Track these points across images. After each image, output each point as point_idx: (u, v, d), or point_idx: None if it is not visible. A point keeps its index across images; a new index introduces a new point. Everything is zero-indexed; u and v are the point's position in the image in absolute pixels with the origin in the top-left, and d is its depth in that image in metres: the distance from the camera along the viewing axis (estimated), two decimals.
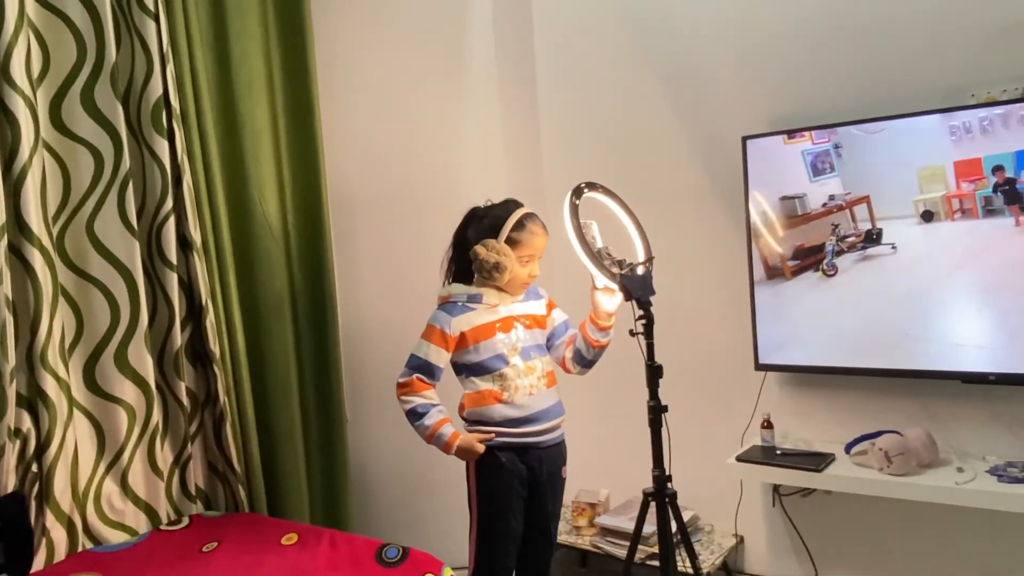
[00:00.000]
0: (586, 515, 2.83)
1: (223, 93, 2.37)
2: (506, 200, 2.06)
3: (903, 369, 2.32)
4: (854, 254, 2.39)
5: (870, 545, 2.54)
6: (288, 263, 2.49)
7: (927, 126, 2.21)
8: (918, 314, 2.29)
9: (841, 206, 2.39)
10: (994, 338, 2.19)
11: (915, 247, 2.29)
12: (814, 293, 2.46)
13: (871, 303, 2.37)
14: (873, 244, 2.36)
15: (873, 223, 2.35)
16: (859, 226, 2.37)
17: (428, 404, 2.00)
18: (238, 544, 2.00)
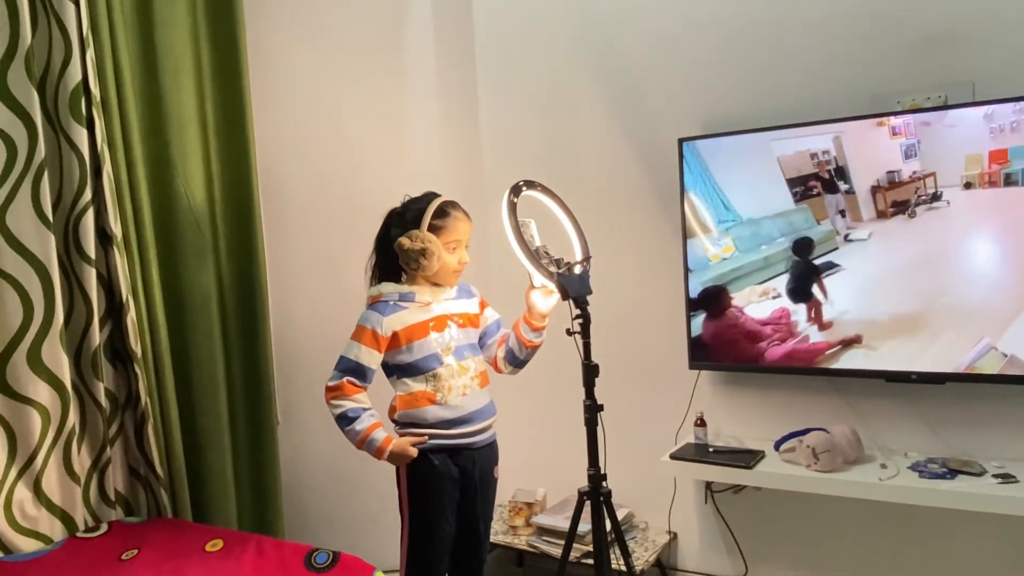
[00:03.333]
0: (523, 515, 2.82)
1: (148, 81, 2.27)
2: (424, 193, 2.04)
3: (830, 368, 2.39)
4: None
5: (798, 540, 2.60)
6: (216, 258, 2.40)
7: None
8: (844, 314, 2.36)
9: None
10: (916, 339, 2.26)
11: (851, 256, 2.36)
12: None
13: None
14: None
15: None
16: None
17: (359, 408, 1.94)
18: (159, 551, 1.92)
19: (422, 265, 1.93)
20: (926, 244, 2.24)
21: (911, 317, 2.27)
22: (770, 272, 2.49)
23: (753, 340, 2.49)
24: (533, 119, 2.97)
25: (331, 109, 2.68)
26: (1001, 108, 2.09)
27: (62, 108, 2.00)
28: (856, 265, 2.34)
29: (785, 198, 2.43)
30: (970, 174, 2.14)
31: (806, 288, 2.41)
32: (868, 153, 2.29)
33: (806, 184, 2.40)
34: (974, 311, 2.18)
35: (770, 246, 2.48)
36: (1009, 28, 2.15)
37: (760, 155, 2.45)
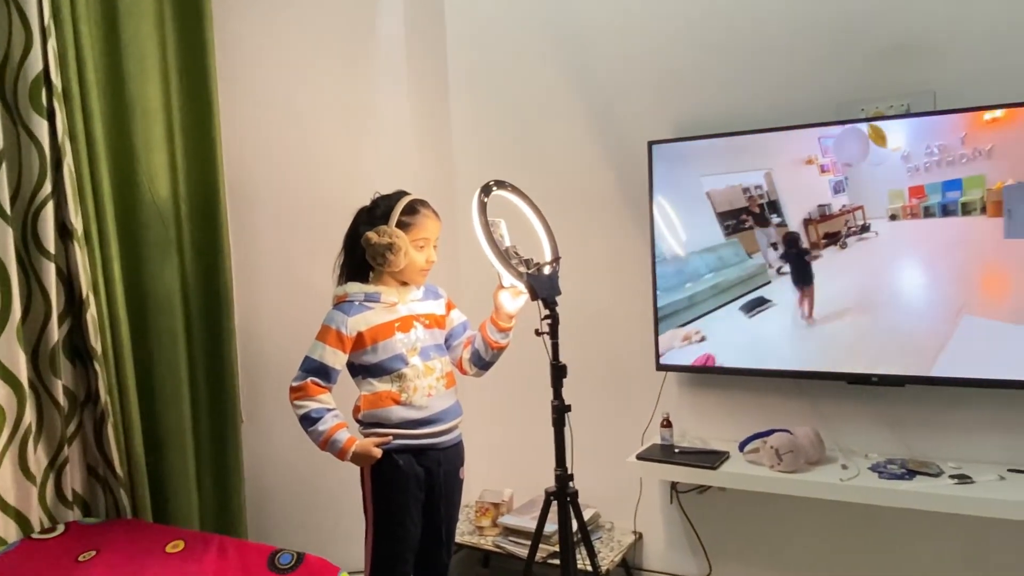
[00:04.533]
0: (489, 515, 2.82)
1: (111, 72, 2.22)
2: (395, 191, 2.03)
3: (794, 370, 2.42)
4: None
5: (761, 539, 2.64)
6: (180, 254, 2.36)
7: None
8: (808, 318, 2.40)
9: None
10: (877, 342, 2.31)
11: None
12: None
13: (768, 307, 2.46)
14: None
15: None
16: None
17: (323, 408, 1.93)
18: (118, 553, 1.88)
19: (389, 260, 1.92)
20: (860, 273, 2.31)
21: (847, 347, 2.34)
22: (694, 312, 2.53)
23: None
24: (504, 119, 2.97)
25: (300, 105, 2.65)
26: (916, 149, 2.19)
27: (22, 98, 1.95)
28: (788, 298, 2.40)
29: (715, 232, 2.48)
30: (894, 207, 2.24)
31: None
32: (799, 188, 2.37)
33: (737, 218, 2.45)
34: (906, 339, 2.26)
35: (696, 283, 2.52)
36: (969, 40, 2.21)
37: (691, 190, 2.50)
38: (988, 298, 2.16)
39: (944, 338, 2.21)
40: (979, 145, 2.12)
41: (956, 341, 2.20)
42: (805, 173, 2.35)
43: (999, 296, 2.15)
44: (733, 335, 2.49)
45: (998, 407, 2.24)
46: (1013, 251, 2.11)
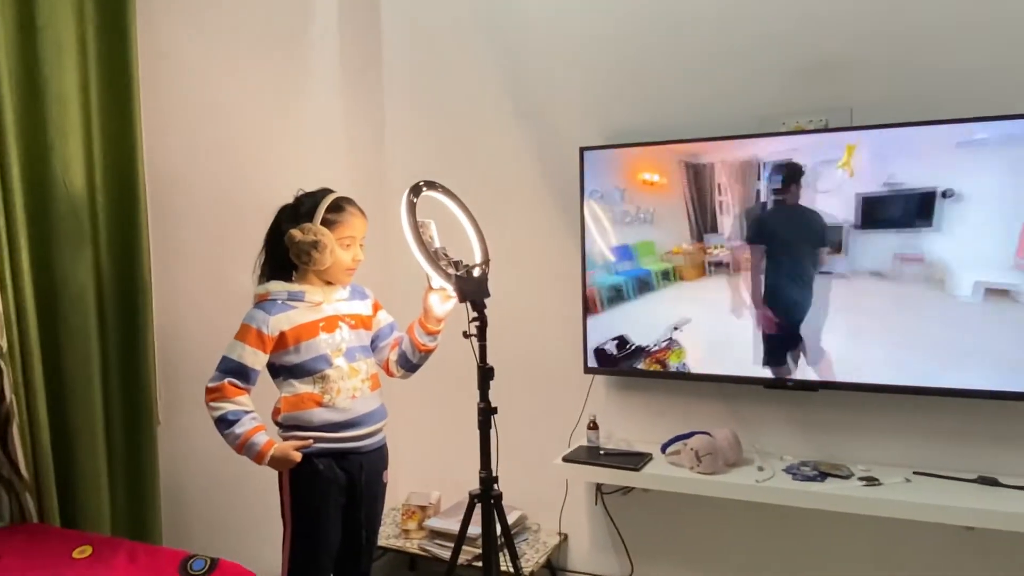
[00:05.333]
0: (416, 518, 2.80)
1: (23, 56, 2.11)
2: (318, 189, 1.99)
3: (714, 374, 2.49)
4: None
5: (682, 540, 2.70)
6: (95, 248, 2.26)
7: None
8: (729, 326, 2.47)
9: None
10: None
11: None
12: (643, 301, 2.58)
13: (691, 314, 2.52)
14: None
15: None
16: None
17: (240, 411, 1.87)
18: (22, 559, 1.79)
19: (314, 259, 1.88)
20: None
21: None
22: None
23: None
24: (438, 121, 2.96)
25: (228, 97, 2.58)
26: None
27: None
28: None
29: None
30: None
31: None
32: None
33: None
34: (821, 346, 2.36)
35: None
36: (884, 59, 2.31)
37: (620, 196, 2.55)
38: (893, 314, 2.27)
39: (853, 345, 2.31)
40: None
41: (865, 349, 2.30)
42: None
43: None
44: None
45: (905, 412, 2.35)
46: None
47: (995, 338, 2.13)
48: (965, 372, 2.17)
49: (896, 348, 2.25)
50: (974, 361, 2.16)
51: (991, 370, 2.15)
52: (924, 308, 2.20)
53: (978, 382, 2.16)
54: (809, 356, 2.36)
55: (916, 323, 2.22)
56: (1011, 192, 2.08)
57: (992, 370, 2.15)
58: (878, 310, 2.26)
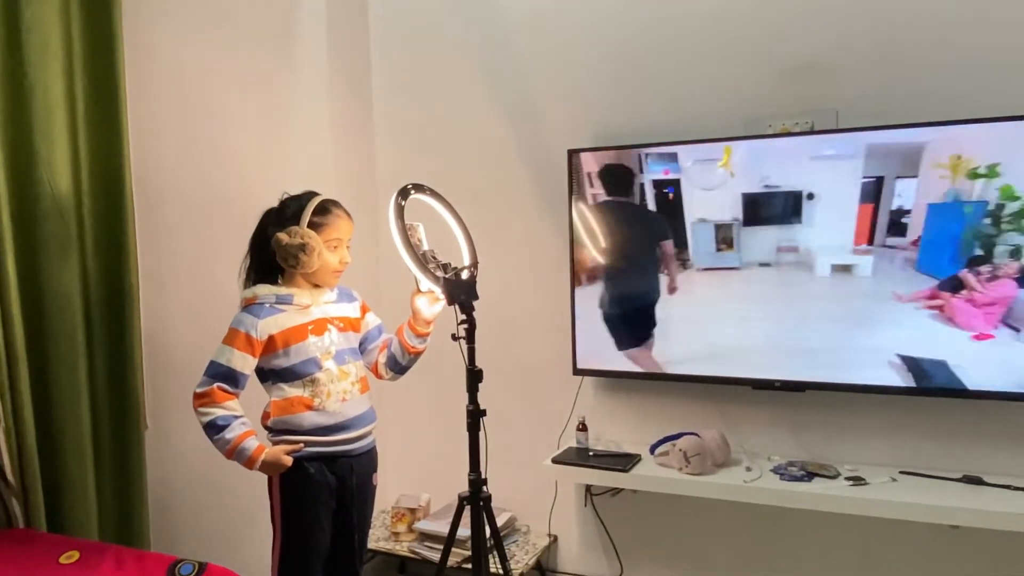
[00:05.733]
0: (405, 520, 2.80)
1: (10, 59, 2.10)
2: (303, 191, 1.98)
3: (702, 375, 2.50)
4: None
5: (671, 540, 2.71)
6: (81, 252, 2.25)
7: None
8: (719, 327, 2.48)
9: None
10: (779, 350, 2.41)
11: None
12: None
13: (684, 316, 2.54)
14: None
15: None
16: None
17: (229, 416, 1.85)
18: (8, 564, 1.78)
19: (302, 262, 1.87)
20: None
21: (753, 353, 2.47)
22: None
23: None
24: (427, 123, 2.96)
25: (215, 100, 2.58)
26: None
27: None
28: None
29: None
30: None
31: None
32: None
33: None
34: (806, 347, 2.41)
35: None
36: (870, 62, 2.33)
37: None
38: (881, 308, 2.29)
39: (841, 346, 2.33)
40: None
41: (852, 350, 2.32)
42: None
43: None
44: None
45: (890, 412, 2.37)
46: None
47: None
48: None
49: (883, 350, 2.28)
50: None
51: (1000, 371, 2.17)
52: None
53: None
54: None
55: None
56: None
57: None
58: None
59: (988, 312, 2.17)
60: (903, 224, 2.24)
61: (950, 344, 2.21)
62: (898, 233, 2.25)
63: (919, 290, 2.24)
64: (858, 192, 2.29)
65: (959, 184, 2.16)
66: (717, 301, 2.50)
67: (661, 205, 2.52)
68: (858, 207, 2.29)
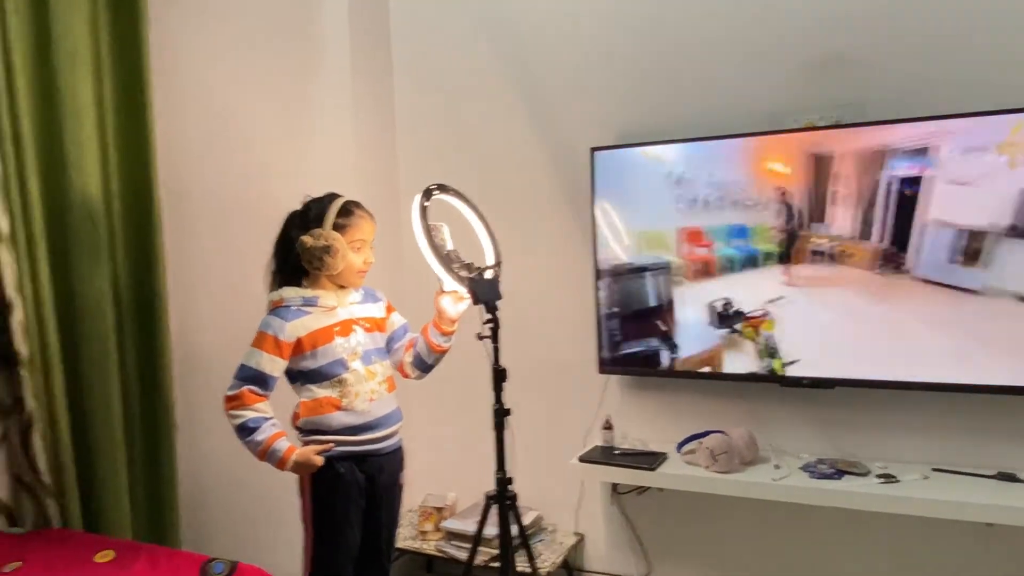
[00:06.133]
0: (432, 519, 2.81)
1: (40, 67, 2.15)
2: (326, 194, 2.00)
3: (729, 373, 2.48)
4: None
5: (699, 539, 2.69)
6: (112, 256, 2.29)
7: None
8: None
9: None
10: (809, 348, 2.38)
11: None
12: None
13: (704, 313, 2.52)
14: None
15: None
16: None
17: (260, 418, 1.88)
18: (45, 563, 1.82)
19: (327, 263, 1.89)
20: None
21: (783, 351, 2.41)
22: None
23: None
24: (449, 123, 2.97)
25: (240, 105, 2.61)
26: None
27: None
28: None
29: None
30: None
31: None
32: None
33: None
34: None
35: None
36: (897, 54, 2.30)
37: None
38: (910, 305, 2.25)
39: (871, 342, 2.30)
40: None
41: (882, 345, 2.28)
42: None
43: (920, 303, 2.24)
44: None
45: (921, 409, 2.33)
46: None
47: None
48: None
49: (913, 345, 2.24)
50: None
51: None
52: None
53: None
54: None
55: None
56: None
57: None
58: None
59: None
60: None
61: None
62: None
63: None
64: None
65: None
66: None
67: (899, 202, 2.24)
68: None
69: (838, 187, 2.32)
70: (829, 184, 2.33)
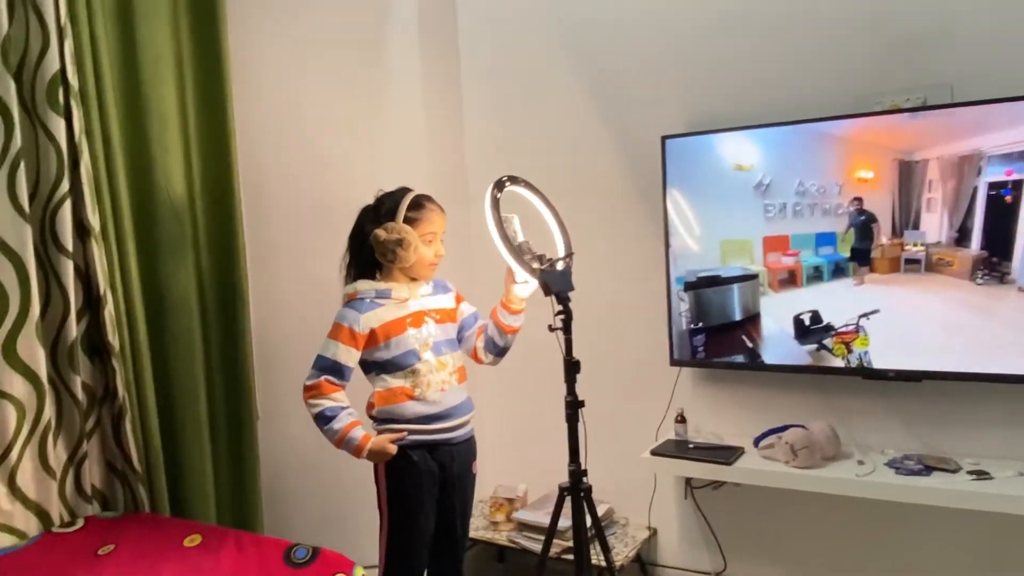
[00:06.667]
0: (504, 510, 2.83)
1: (127, 71, 2.24)
2: (397, 188, 2.04)
3: (809, 365, 2.41)
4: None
5: (777, 535, 2.63)
6: (195, 252, 2.38)
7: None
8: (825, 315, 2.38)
9: None
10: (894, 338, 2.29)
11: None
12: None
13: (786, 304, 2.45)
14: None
15: None
16: None
17: (337, 407, 1.94)
18: (137, 547, 1.90)
19: (399, 256, 1.93)
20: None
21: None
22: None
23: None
24: (517, 114, 2.96)
25: (312, 102, 2.66)
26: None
27: (39, 98, 1.97)
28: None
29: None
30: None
31: None
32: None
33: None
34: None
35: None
36: (986, 32, 2.18)
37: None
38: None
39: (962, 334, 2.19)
40: None
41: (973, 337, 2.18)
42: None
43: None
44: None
45: (1016, 403, 2.21)
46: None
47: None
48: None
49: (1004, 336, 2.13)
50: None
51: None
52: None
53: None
54: None
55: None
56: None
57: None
58: None
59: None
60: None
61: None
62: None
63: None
64: None
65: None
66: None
67: (994, 210, 2.15)
68: None
69: (932, 193, 2.22)
70: (922, 190, 2.24)
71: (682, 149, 2.54)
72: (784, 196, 2.41)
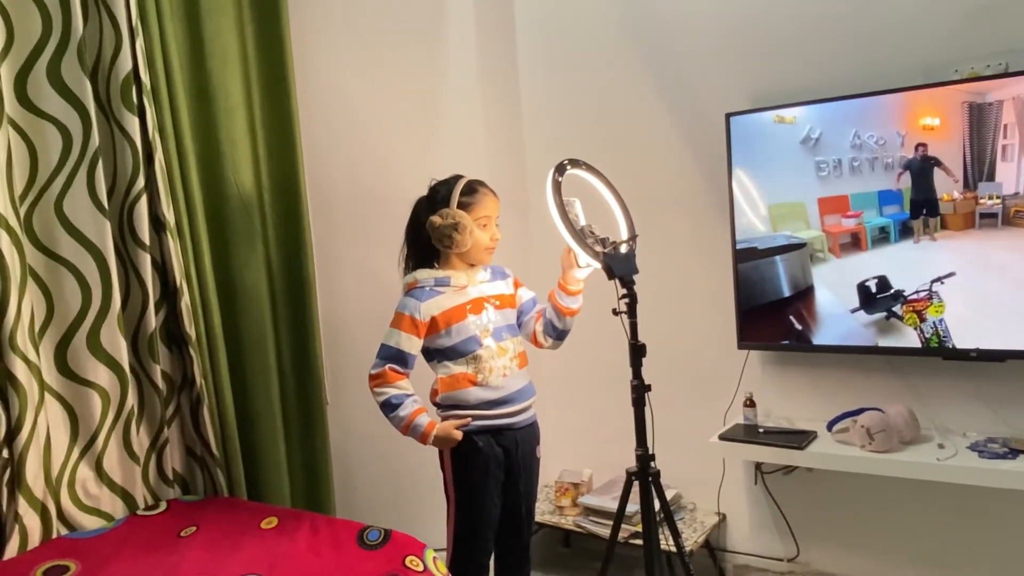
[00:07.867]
0: (569, 495, 2.83)
1: (195, 68, 2.30)
2: (450, 176, 2.05)
3: (884, 346, 2.33)
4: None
5: (851, 521, 2.56)
6: (265, 243, 2.44)
7: None
8: None
9: None
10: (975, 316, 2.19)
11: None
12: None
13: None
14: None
15: None
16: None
17: (402, 394, 1.97)
18: (217, 528, 1.97)
19: (455, 241, 1.94)
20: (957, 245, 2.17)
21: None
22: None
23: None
24: (575, 97, 2.93)
25: (372, 96, 2.69)
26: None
27: (114, 97, 2.05)
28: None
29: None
30: None
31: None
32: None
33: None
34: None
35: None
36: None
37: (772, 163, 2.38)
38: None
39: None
40: None
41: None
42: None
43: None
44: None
45: None
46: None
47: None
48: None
49: None
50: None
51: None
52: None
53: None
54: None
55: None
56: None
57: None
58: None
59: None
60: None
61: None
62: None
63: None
64: None
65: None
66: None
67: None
68: None
69: (1008, 139, 2.08)
70: (997, 136, 2.09)
71: (745, 126, 2.47)
72: (838, 152, 2.26)
